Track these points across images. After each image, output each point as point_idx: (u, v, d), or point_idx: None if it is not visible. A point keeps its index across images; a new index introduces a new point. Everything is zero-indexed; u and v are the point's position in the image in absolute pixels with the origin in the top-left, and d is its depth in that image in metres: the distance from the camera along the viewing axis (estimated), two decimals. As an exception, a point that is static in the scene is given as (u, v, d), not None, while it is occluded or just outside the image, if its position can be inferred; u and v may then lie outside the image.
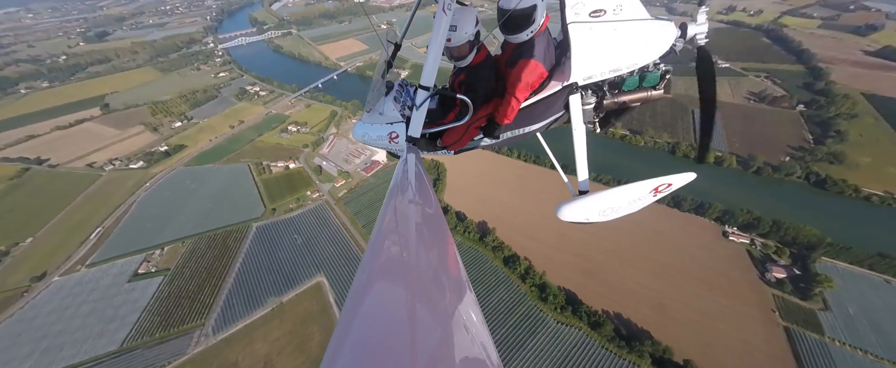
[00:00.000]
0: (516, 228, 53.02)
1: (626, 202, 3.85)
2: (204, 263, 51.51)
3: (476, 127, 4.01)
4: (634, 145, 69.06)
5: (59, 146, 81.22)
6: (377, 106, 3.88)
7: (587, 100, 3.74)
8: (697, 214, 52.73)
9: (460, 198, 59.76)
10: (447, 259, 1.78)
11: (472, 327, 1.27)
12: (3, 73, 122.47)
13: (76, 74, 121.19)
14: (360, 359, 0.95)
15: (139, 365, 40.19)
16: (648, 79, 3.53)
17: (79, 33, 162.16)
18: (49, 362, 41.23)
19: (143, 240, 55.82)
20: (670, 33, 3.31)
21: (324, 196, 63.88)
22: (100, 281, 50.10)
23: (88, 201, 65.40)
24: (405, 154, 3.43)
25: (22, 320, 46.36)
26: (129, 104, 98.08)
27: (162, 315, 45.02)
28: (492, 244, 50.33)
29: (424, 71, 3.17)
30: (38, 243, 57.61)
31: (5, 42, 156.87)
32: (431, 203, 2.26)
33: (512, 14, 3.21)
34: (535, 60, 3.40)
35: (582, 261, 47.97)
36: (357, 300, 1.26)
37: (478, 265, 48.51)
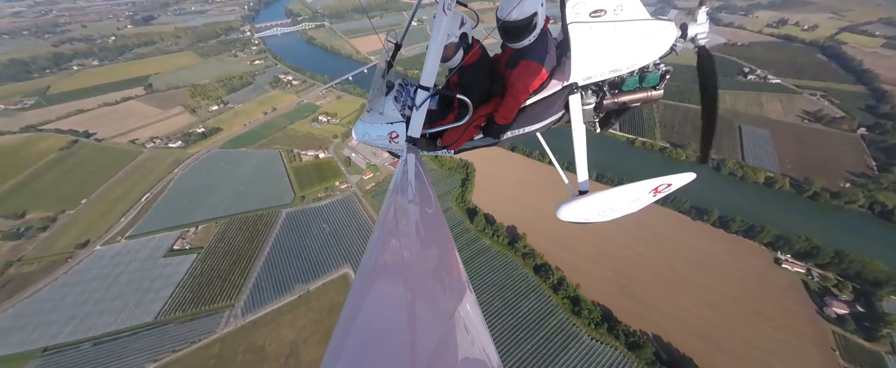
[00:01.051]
0: (548, 236, 51.18)
1: (626, 202, 3.76)
2: (235, 244, 52.45)
3: (476, 127, 3.99)
4: (674, 159, 65.68)
5: (105, 122, 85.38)
6: (377, 106, 3.88)
7: (587, 100, 3.69)
8: (747, 237, 49.29)
9: (489, 200, 58.47)
10: (447, 259, 1.77)
11: (473, 327, 1.28)
12: (59, 49, 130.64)
13: (123, 55, 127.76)
14: (360, 359, 0.95)
15: (172, 339, 41.08)
16: (648, 79, 3.47)
17: (127, 16, 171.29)
18: (89, 327, 42.81)
19: (179, 217, 57.51)
20: (671, 33, 3.23)
21: (352, 188, 64.05)
22: (138, 253, 51.86)
23: (130, 175, 68.19)
24: (405, 154, 3.42)
25: (66, 284, 48.49)
26: (171, 86, 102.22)
27: (194, 292, 46.00)
28: (522, 251, 48.75)
29: (424, 71, 3.16)
30: (82, 212, 60.42)
31: (61, 21, 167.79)
32: (431, 203, 2.25)
33: (512, 25, 3.23)
34: (536, 61, 3.39)
35: (619, 277, 45.67)
36: (357, 299, 1.27)
37: (506, 270, 47.07)
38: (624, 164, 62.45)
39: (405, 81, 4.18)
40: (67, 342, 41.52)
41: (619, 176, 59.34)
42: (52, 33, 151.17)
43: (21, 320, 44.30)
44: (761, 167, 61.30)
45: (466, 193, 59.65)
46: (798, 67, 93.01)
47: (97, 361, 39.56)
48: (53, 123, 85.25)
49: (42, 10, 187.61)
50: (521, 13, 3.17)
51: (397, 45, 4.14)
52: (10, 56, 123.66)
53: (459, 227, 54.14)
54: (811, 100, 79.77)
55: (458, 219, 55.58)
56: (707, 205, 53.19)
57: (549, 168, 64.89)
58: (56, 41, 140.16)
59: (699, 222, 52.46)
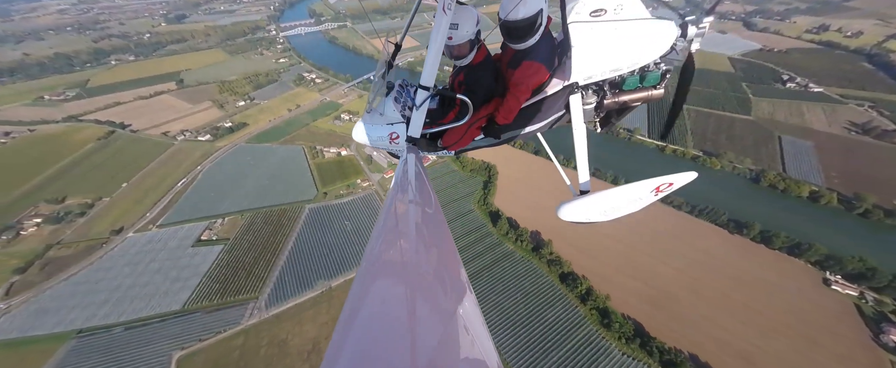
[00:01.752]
0: (573, 243, 49.51)
1: (627, 202, 3.77)
2: (260, 237, 53.18)
3: (477, 127, 3.97)
4: (708, 168, 62.68)
5: (139, 114, 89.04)
6: (378, 106, 3.87)
7: (588, 99, 3.66)
8: (792, 254, 46.20)
9: (512, 204, 57.24)
10: (447, 259, 1.78)
11: (473, 327, 1.29)
12: (99, 45, 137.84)
13: (157, 51, 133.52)
14: (360, 359, 0.95)
15: (198, 328, 41.74)
16: (649, 78, 3.42)
17: (161, 15, 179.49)
18: (121, 312, 44.07)
19: (207, 208, 58.90)
20: (671, 33, 3.19)
21: (373, 186, 64.11)
22: (168, 242, 53.30)
23: (162, 166, 70.58)
24: (405, 154, 3.41)
25: (100, 269, 50.25)
26: (201, 81, 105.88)
27: (220, 283, 46.75)
28: (547, 258, 47.29)
29: (424, 71, 3.16)
30: (118, 199, 62.81)
31: (101, 18, 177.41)
32: (431, 203, 2.25)
33: (517, 25, 3.22)
34: (538, 61, 3.38)
35: (650, 290, 43.55)
36: (357, 299, 1.28)
37: (531, 277, 45.69)
38: (653, 172, 59.88)
39: (405, 81, 4.16)
40: (100, 325, 42.82)
41: (649, 184, 57.06)
42: (93, 30, 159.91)
43: (58, 301, 46.07)
44: (805, 180, 57.64)
45: (489, 196, 58.64)
46: (842, 75, 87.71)
47: (128, 345, 40.56)
48: (92, 113, 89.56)
49: (84, 7, 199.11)
50: (525, 12, 3.13)
51: (397, 45, 4.14)
52: (55, 50, 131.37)
53: (481, 230, 53.17)
54: (858, 111, 74.85)
55: (480, 222, 54.62)
56: (747, 218, 50.32)
57: (573, 174, 63.14)
58: (96, 37, 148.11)
59: (737, 236, 49.62)
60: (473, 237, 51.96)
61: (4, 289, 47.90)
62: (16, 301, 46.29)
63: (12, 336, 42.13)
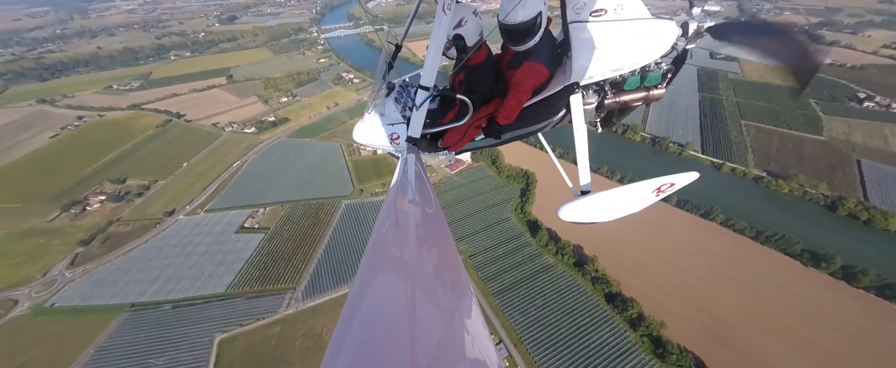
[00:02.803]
0: (620, 262, 46.26)
1: (628, 202, 3.78)
2: (299, 229, 54.26)
3: (477, 127, 3.98)
4: (775, 191, 57.01)
5: (193, 105, 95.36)
6: (378, 106, 3.91)
7: (588, 99, 3.63)
8: (881, 296, 40.40)
9: (551, 215, 54.63)
10: (447, 259, 1.79)
11: (472, 327, 1.31)
12: (161, 42, 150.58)
13: (210, 49, 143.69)
14: (359, 359, 0.96)
15: (239, 312, 42.72)
16: (650, 78, 3.44)
17: (215, 16, 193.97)
18: (169, 290, 46.14)
19: (251, 197, 61.20)
20: (671, 33, 3.23)
21: (408, 186, 63.98)
22: (214, 227, 55.69)
23: (211, 154, 74.65)
24: (405, 154, 3.44)
25: (153, 247, 53.23)
26: (248, 77, 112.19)
27: (261, 270, 47.89)
28: (592, 275, 44.41)
29: (424, 71, 3.20)
30: (171, 183, 66.89)
31: (164, 18, 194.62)
32: (431, 203, 2.27)
33: (517, 28, 3.24)
34: (539, 62, 3.39)
35: (708, 319, 39.51)
36: (357, 299, 1.30)
37: (574, 294, 43.00)
38: (710, 192, 55.39)
39: (405, 81, 4.13)
40: (151, 301, 44.97)
41: (706, 205, 52.74)
42: (156, 28, 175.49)
43: (115, 275, 49.09)
44: (894, 212, 50.80)
45: (526, 204, 56.54)
46: (932, 96, 77.80)
47: (175, 323, 42.19)
48: (153, 103, 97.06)
49: (149, 8, 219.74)
50: (525, 15, 3.13)
51: (397, 46, 4.14)
52: (124, 45, 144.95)
53: (519, 240, 51.14)
54: (955, 136, 65.71)
55: (517, 231, 52.63)
56: (824, 249, 44.84)
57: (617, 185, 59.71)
58: (159, 35, 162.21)
59: (812, 269, 44.24)
60: (511, 247, 50.05)
61: (70, 259, 51.83)
62: (79, 271, 49.85)
63: (75, 303, 45.18)
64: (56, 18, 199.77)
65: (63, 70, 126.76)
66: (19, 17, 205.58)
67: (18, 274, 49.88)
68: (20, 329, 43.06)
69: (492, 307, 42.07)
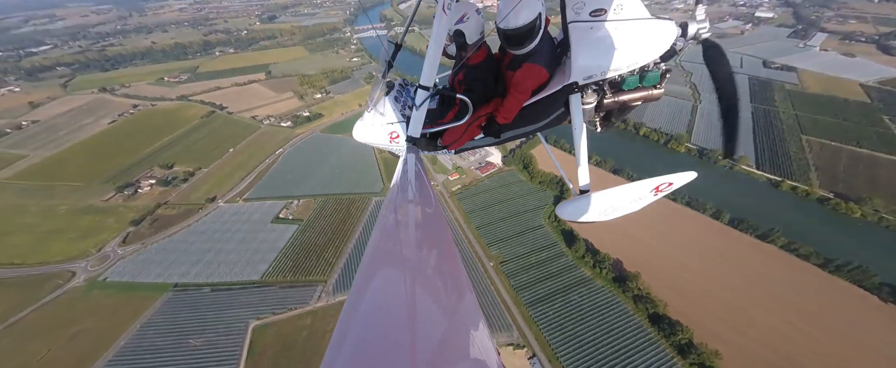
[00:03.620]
0: (666, 281, 43.09)
1: (627, 202, 3.78)
2: (331, 222, 55.03)
3: (476, 126, 4.02)
4: (845, 215, 51.29)
5: (235, 99, 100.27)
6: (378, 106, 3.96)
7: (587, 99, 3.57)
8: None
9: (588, 226, 51.69)
10: (448, 259, 1.79)
11: (473, 327, 1.34)
12: (207, 38, 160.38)
13: (252, 46, 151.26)
14: (359, 359, 0.96)
15: (273, 301, 43.62)
16: (649, 78, 3.40)
17: (256, 15, 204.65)
18: (209, 274, 47.99)
19: (285, 189, 62.98)
20: (671, 32, 3.20)
21: (437, 186, 63.43)
22: (251, 216, 57.66)
23: (250, 145, 77.90)
24: (405, 154, 3.47)
25: (195, 232, 55.81)
26: (285, 74, 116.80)
27: (294, 261, 48.82)
28: (634, 293, 41.60)
29: (424, 71, 3.22)
30: (213, 171, 70.25)
31: (210, 17, 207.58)
32: (431, 203, 2.28)
33: (516, 32, 3.29)
34: (538, 63, 3.44)
35: (774, 356, 35.67)
36: (357, 299, 1.32)
37: (614, 312, 40.42)
38: (768, 212, 50.78)
39: (405, 81, 4.18)
40: (192, 282, 46.93)
41: (763, 224, 48.29)
42: (204, 25, 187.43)
43: (161, 255, 51.78)
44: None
45: (561, 212, 54.22)
46: None
47: (213, 305, 43.69)
48: (199, 95, 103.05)
49: (198, 7, 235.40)
50: (524, 19, 3.16)
51: (397, 45, 4.12)
52: (175, 41, 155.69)
53: (553, 249, 49.04)
54: None
55: (551, 240, 50.54)
56: (910, 285, 39.58)
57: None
58: (206, 32, 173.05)
59: (893, 305, 39.11)
60: (544, 256, 48.06)
61: (122, 237, 55.33)
62: (129, 249, 53.04)
63: (125, 279, 47.98)
64: (117, 15, 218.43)
65: (122, 62, 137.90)
66: (87, 13, 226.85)
67: (76, 248, 53.80)
68: (76, 299, 46.19)
69: (524, 318, 40.35)
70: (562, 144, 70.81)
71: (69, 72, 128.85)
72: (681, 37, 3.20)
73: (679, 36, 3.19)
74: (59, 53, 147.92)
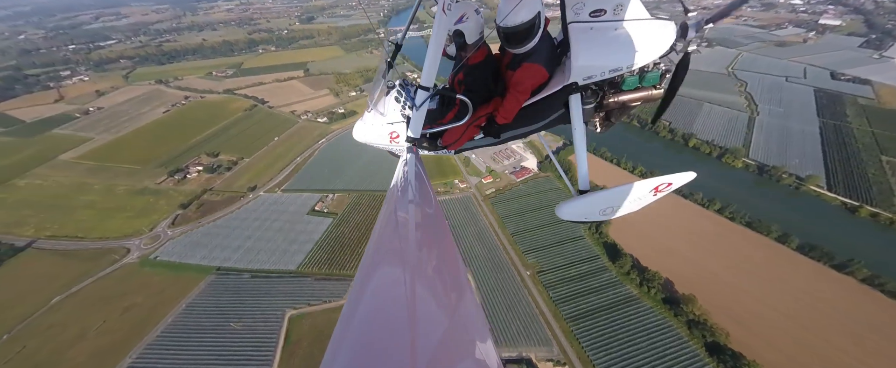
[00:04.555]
0: (720, 306, 39.20)
1: (627, 202, 3.76)
2: (364, 218, 55.33)
3: (476, 127, 4.03)
4: (941, 249, 44.73)
5: (275, 94, 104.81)
6: (378, 106, 4.07)
7: (587, 100, 3.62)
8: None
9: (634, 241, 48.81)
10: (448, 259, 1.80)
11: (473, 327, 1.34)
12: (252, 37, 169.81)
13: (291, 44, 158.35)
14: (360, 359, 0.96)
15: (308, 292, 44.12)
16: (648, 78, 3.46)
17: (296, 16, 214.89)
18: (249, 260, 49.49)
19: (321, 182, 64.33)
20: (670, 33, 3.21)
21: (470, 188, 62.34)
22: (289, 206, 59.22)
23: (288, 138, 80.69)
24: (405, 154, 3.63)
25: (237, 218, 58.04)
26: (322, 72, 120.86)
27: (328, 253, 49.35)
28: (688, 317, 38.13)
29: (424, 71, 3.30)
30: (254, 161, 73.26)
31: (254, 17, 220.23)
32: (431, 203, 2.31)
33: (515, 31, 3.30)
34: (538, 63, 3.44)
35: (858, 401, 31.23)
36: (357, 299, 1.34)
37: (665, 337, 37.22)
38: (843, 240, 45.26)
39: (405, 81, 4.10)
40: (233, 267, 48.55)
41: (840, 254, 43.02)
42: (248, 25, 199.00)
43: (206, 239, 54.14)
44: None
45: (603, 225, 51.23)
46: None
47: (252, 291, 44.86)
48: (242, 89, 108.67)
49: (244, 7, 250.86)
50: (523, 17, 3.18)
51: (397, 45, 4.20)
52: (223, 38, 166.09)
53: (595, 263, 46.30)
54: None
55: (592, 252, 47.82)
56: None
57: (710, 215, 51.75)
58: (250, 30, 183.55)
59: None
60: (585, 269, 45.45)
61: (172, 219, 58.54)
62: (178, 231, 55.95)
63: (173, 259, 50.49)
64: (173, 14, 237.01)
65: (176, 57, 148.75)
66: (147, 12, 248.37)
67: (132, 226, 57.52)
68: (130, 274, 49.12)
69: (565, 333, 38.05)
70: (602, 151, 67.73)
71: (130, 64, 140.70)
72: (680, 38, 3.14)
73: (678, 37, 3.13)
74: (123, 48, 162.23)
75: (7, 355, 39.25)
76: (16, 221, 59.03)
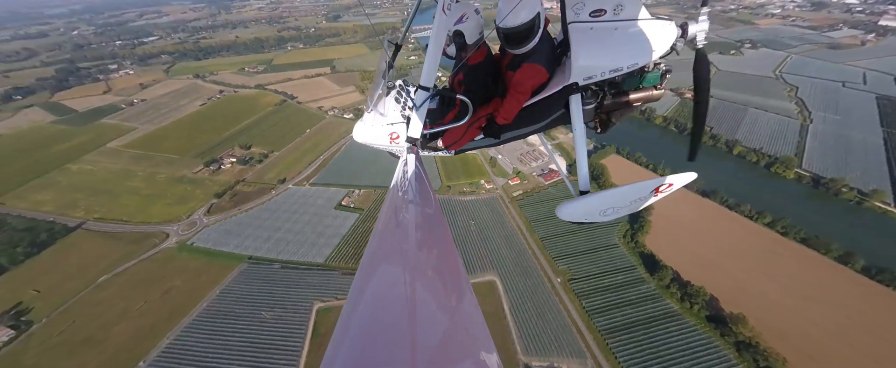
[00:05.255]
0: (773, 327, 36.08)
1: (628, 202, 3.81)
2: (390, 216, 55.32)
3: (476, 127, 4.04)
4: None
5: (303, 90, 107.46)
6: (378, 106, 4.12)
7: (587, 100, 3.61)
8: None
9: (673, 252, 46.01)
10: (448, 259, 1.79)
11: (473, 327, 1.33)
12: (281, 34, 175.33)
13: (318, 42, 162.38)
14: (360, 359, 0.97)
15: (335, 286, 44.47)
16: (648, 78, 3.45)
17: (323, 14, 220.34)
18: (279, 251, 50.58)
19: (348, 178, 65.03)
20: (670, 33, 3.19)
21: (497, 190, 61.12)
22: (317, 200, 60.21)
23: (316, 133, 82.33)
24: (405, 154, 3.55)
25: (267, 209, 59.60)
26: (348, 69, 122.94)
27: (355, 248, 49.62)
28: (736, 337, 35.33)
29: (424, 71, 3.32)
30: (284, 155, 75.20)
31: (284, 15, 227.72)
32: (431, 203, 2.28)
33: (515, 31, 3.30)
34: (538, 63, 3.44)
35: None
36: (357, 299, 1.33)
37: (710, 357, 34.68)
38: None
39: (406, 81, 4.15)
40: (264, 257, 49.75)
41: (921, 278, 38.62)
42: (278, 23, 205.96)
43: (238, 228, 55.89)
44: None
45: (639, 234, 48.69)
46: None
47: (281, 282, 45.74)
48: (273, 85, 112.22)
49: (274, 6, 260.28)
50: (523, 18, 3.17)
51: (397, 45, 4.31)
52: (255, 36, 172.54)
53: (631, 273, 43.98)
54: None
55: (628, 262, 45.49)
56: None
57: (767, 232, 47.91)
58: (279, 28, 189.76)
59: None
60: (620, 279, 43.25)
61: (207, 207, 60.89)
62: (213, 219, 58.11)
63: (208, 245, 52.40)
64: (209, 13, 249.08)
65: (211, 53, 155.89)
66: (186, 10, 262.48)
67: (171, 213, 60.28)
68: (168, 258, 51.38)
69: (600, 347, 36.24)
70: (637, 156, 64.66)
71: (170, 59, 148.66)
72: (680, 38, 3.12)
73: (679, 37, 3.11)
74: (164, 44, 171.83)
75: (60, 326, 41.93)
76: (69, 203, 63.32)
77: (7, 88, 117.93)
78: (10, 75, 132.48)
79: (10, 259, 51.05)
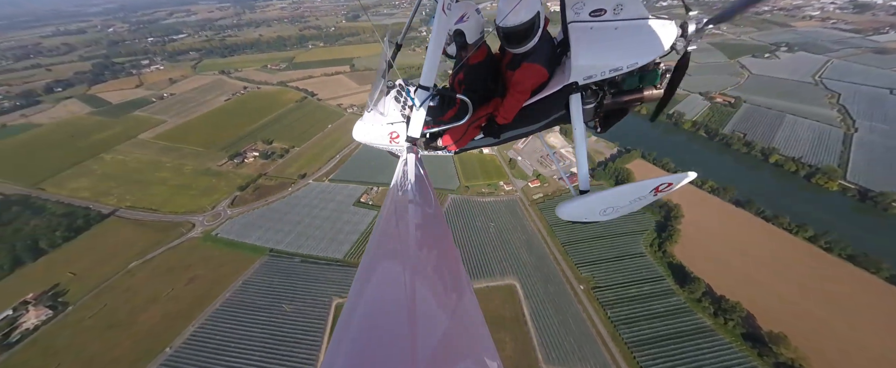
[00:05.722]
0: (817, 349, 33.63)
1: (627, 202, 3.74)
2: (409, 214, 55.17)
3: (476, 126, 4.06)
4: None
5: (323, 87, 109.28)
6: (378, 106, 4.05)
7: (587, 99, 3.62)
8: None
9: (704, 263, 43.78)
10: (448, 259, 1.80)
11: (473, 327, 1.35)
12: (302, 33, 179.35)
13: (338, 41, 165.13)
14: (360, 359, 0.98)
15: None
16: (648, 78, 3.44)
17: (342, 14, 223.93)
18: (299, 245, 51.19)
19: (366, 175, 65.36)
20: (670, 33, 3.17)
21: (516, 192, 60.01)
22: (336, 196, 60.75)
23: (335, 130, 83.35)
24: (405, 154, 3.48)
25: (288, 203, 60.57)
26: (367, 67, 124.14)
27: (374, 247, 49.62)
28: (776, 358, 33.09)
29: (424, 71, 3.25)
30: (304, 150, 76.43)
31: (305, 14, 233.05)
32: (431, 203, 2.29)
33: (515, 30, 3.30)
34: (537, 63, 3.45)
35: None
36: (357, 300, 1.35)
37: (747, 374, 32.55)
38: None
39: (406, 81, 4.12)
40: (285, 250, 50.45)
41: None
42: (300, 22, 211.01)
43: (260, 220, 56.99)
44: None
45: (667, 243, 46.61)
46: None
47: (302, 276, 46.21)
48: (294, 82, 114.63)
49: (295, 6, 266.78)
50: (523, 17, 3.19)
51: (398, 45, 4.43)
52: (277, 34, 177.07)
53: (659, 284, 42.11)
54: None
55: (655, 272, 43.58)
56: None
57: (809, 247, 44.94)
58: (301, 27, 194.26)
59: None
60: (648, 290, 41.45)
61: (231, 199, 62.45)
62: (236, 211, 59.51)
63: (231, 237, 53.62)
64: (234, 12, 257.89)
65: (236, 50, 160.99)
66: (212, 9, 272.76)
67: (197, 204, 62.12)
68: (194, 248, 52.86)
69: (626, 360, 34.77)
70: (664, 162, 62.27)
71: (198, 56, 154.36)
72: (681, 37, 3.10)
73: (679, 36, 3.10)
74: (192, 41, 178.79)
75: (94, 309, 43.71)
76: (103, 190, 66.31)
77: (49, 81, 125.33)
78: (51, 69, 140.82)
79: (50, 242, 53.76)
